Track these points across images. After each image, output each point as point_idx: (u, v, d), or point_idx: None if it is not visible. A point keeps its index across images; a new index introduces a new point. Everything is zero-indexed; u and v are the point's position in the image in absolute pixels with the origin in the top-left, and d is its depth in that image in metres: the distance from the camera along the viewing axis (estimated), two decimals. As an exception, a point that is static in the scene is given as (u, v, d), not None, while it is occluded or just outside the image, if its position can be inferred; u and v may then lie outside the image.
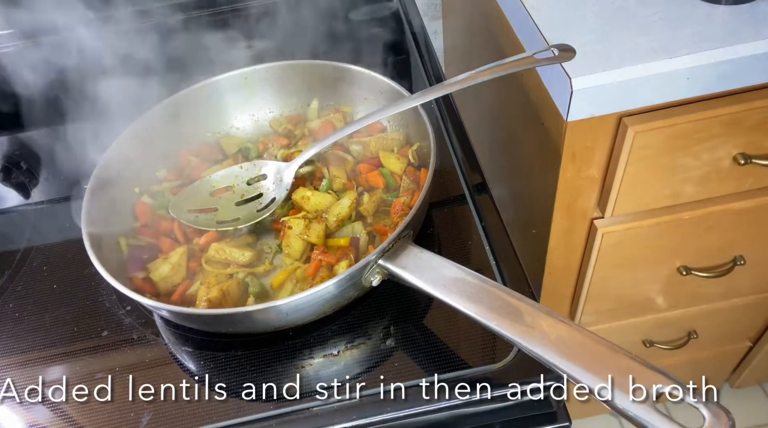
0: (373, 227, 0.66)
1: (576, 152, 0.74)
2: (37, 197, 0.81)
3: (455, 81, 0.60)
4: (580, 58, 0.64)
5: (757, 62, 0.65)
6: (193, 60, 0.79)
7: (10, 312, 0.66)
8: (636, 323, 1.05)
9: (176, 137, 0.76)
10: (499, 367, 0.55)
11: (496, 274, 0.62)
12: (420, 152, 0.71)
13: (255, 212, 0.67)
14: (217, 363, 0.59)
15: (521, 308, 0.49)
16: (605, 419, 1.44)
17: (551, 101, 0.70)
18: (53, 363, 0.61)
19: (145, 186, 0.72)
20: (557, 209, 0.82)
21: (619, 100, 0.67)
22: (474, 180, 0.72)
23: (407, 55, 0.94)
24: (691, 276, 0.91)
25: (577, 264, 0.93)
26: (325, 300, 0.55)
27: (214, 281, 0.62)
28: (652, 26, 0.68)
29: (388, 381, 0.55)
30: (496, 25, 0.85)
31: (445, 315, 0.60)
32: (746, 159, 0.74)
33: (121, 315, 0.64)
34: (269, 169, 0.70)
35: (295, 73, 0.78)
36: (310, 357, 0.58)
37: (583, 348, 0.46)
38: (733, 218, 0.84)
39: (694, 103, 0.70)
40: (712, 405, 0.41)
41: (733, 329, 1.12)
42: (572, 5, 0.72)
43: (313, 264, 0.62)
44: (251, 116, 0.81)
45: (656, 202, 0.81)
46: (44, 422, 0.56)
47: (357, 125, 0.65)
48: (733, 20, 0.67)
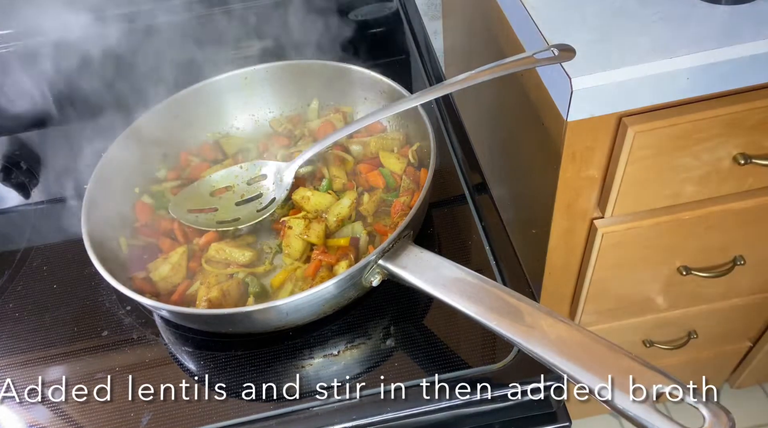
0: (373, 227, 0.66)
1: (576, 152, 0.74)
2: (37, 197, 0.81)
3: (455, 81, 0.60)
4: (580, 58, 0.64)
5: (757, 62, 0.65)
6: (192, 60, 0.79)
7: (10, 312, 0.66)
8: (636, 323, 1.05)
9: (176, 137, 0.76)
10: (499, 367, 0.55)
11: (496, 274, 0.62)
12: (420, 152, 0.71)
13: (255, 212, 0.67)
14: (217, 363, 0.59)
15: (521, 308, 0.49)
16: (605, 419, 1.44)
17: (551, 101, 0.70)
18: (53, 363, 0.61)
19: (145, 186, 0.72)
20: (557, 209, 0.82)
21: (619, 100, 0.67)
22: (474, 180, 0.72)
23: (407, 55, 0.94)
24: (691, 276, 0.91)
25: (577, 264, 0.93)
26: (325, 300, 0.55)
27: (214, 281, 0.62)
28: (652, 26, 0.68)
29: (388, 381, 0.55)
30: (496, 25, 0.85)
31: (445, 315, 0.60)
32: (746, 159, 0.74)
33: (121, 315, 0.64)
34: (269, 169, 0.70)
35: (295, 73, 0.78)
36: (310, 357, 0.58)
37: (583, 347, 0.46)
38: (733, 218, 0.84)
39: (694, 103, 0.70)
40: (712, 405, 0.41)
41: (733, 329, 1.12)
42: (572, 5, 0.72)
43: (313, 264, 0.62)
44: (251, 116, 0.81)
45: (656, 202, 0.81)
46: (44, 422, 0.56)
47: (357, 125, 0.65)
48: (733, 20, 0.67)
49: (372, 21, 0.99)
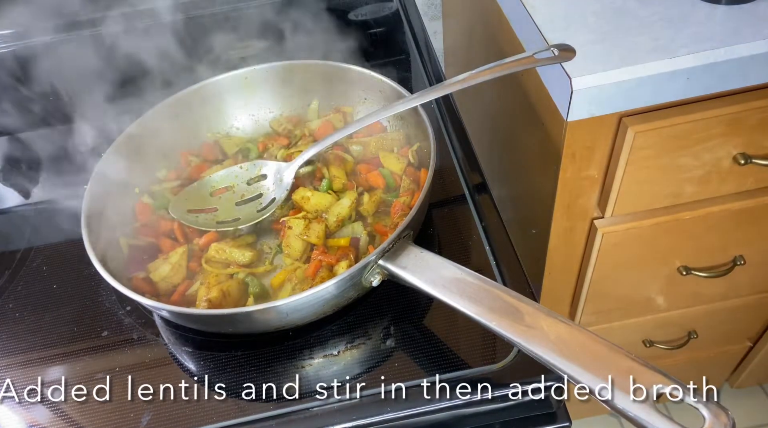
0: (373, 227, 0.66)
1: (576, 152, 0.74)
2: (37, 197, 0.81)
3: (455, 81, 0.60)
4: (580, 58, 0.64)
5: (757, 62, 0.65)
6: (192, 60, 0.79)
7: (10, 312, 0.66)
8: (636, 323, 1.05)
9: (176, 137, 0.76)
10: (499, 367, 0.55)
11: (496, 274, 0.62)
12: (420, 152, 0.71)
13: (255, 213, 0.67)
14: (217, 363, 0.59)
15: (521, 309, 0.49)
16: (605, 419, 1.44)
17: (551, 101, 0.70)
18: (53, 363, 0.61)
19: (145, 186, 0.72)
20: (557, 209, 0.82)
21: (619, 101, 0.67)
22: (474, 180, 0.72)
23: (407, 55, 0.94)
24: (691, 276, 0.91)
25: (577, 264, 0.93)
26: (325, 300, 0.55)
27: (214, 282, 0.62)
28: (652, 26, 0.68)
29: (388, 381, 0.55)
30: (496, 25, 0.85)
31: (445, 315, 0.60)
32: (746, 159, 0.74)
33: (121, 315, 0.64)
34: (269, 169, 0.70)
35: (295, 73, 0.78)
36: (310, 357, 0.58)
37: (583, 348, 0.46)
38: (733, 218, 0.84)
39: (694, 103, 0.70)
40: (712, 405, 0.41)
41: (733, 329, 1.12)
42: (572, 5, 0.72)
43: (313, 264, 0.62)
44: (251, 116, 0.81)
45: (656, 202, 0.81)
46: (44, 422, 0.56)
47: (357, 125, 0.65)
48: (733, 20, 0.67)
49: (372, 21, 0.99)
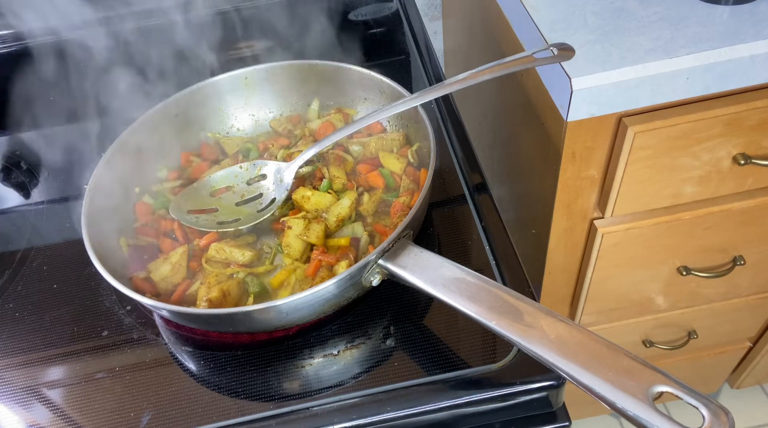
0: (373, 227, 0.66)
1: (576, 152, 0.74)
2: (37, 197, 0.81)
3: (455, 81, 0.61)
4: (580, 58, 0.64)
5: (757, 62, 0.65)
6: (192, 61, 0.79)
7: (10, 312, 0.66)
8: (636, 323, 1.05)
9: (176, 137, 0.76)
10: (499, 367, 0.55)
11: (496, 274, 0.62)
12: (420, 152, 0.71)
13: (255, 213, 0.67)
14: (217, 362, 0.59)
15: (521, 308, 0.49)
16: (605, 419, 1.44)
17: (551, 101, 0.70)
18: (53, 363, 0.61)
19: (145, 186, 0.72)
20: (557, 209, 0.82)
21: (619, 100, 0.67)
22: (474, 180, 0.72)
23: (407, 56, 0.94)
24: (691, 276, 0.91)
25: (577, 264, 0.93)
26: (325, 300, 0.55)
27: (214, 281, 0.62)
28: (652, 26, 0.68)
29: (389, 380, 0.55)
30: (496, 26, 0.85)
31: (445, 315, 0.60)
32: (746, 159, 0.74)
33: (121, 315, 0.64)
34: (269, 169, 0.70)
35: (295, 73, 0.78)
36: (310, 357, 0.58)
37: (582, 347, 0.46)
38: (733, 218, 0.84)
39: (694, 103, 0.70)
40: (712, 405, 0.41)
41: (733, 329, 1.12)
42: (572, 5, 0.72)
43: (313, 264, 0.62)
44: (251, 116, 0.81)
45: (656, 202, 0.81)
46: (44, 422, 0.56)
47: (357, 125, 0.65)
48: (733, 20, 0.67)
49: (372, 21, 0.99)
